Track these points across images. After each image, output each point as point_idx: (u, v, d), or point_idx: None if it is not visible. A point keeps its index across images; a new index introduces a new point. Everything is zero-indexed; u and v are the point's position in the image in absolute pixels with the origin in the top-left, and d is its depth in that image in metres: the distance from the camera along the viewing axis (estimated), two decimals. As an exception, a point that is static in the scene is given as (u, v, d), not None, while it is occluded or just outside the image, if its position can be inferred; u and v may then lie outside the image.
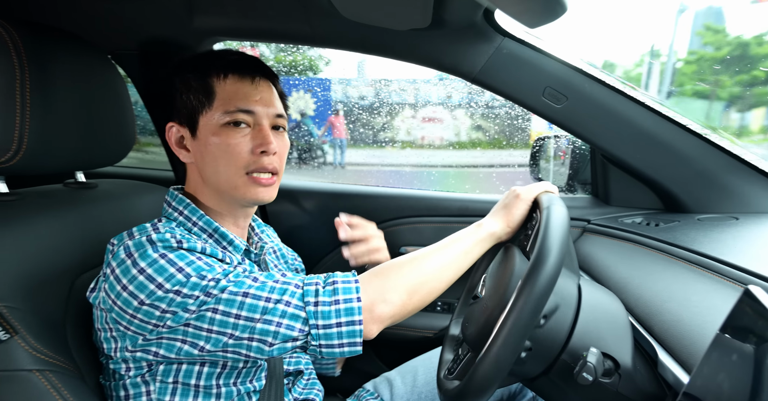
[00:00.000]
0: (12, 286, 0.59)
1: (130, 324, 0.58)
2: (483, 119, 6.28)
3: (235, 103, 0.67)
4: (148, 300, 0.56)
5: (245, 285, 0.58)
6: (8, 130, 0.62)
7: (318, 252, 1.29)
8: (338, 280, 0.61)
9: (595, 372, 0.51)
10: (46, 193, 0.76)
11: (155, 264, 0.57)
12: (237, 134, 0.67)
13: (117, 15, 0.97)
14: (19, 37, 0.62)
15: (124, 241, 0.61)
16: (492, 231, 0.70)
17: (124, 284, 0.57)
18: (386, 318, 0.61)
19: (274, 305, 0.58)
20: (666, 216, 1.01)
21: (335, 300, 0.59)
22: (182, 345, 0.59)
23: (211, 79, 0.67)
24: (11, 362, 0.56)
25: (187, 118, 0.68)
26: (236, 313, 0.57)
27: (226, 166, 0.67)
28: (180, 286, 0.57)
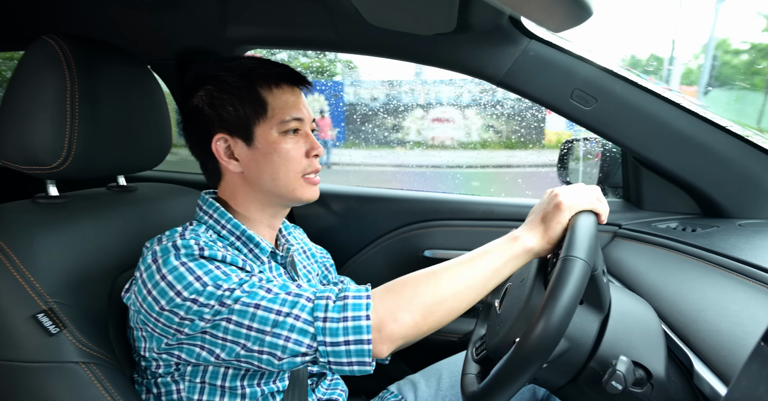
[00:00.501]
0: (62, 283, 0.63)
1: (155, 326, 0.61)
2: (494, 119, 6.18)
3: (288, 112, 0.70)
4: (168, 307, 0.59)
5: (258, 296, 0.59)
6: (59, 138, 0.66)
7: (344, 254, 1.31)
8: (349, 295, 0.59)
9: (625, 380, 0.49)
10: (91, 196, 0.81)
11: (175, 271, 0.59)
12: (291, 141, 0.71)
13: (157, 27, 1.02)
14: (69, 50, 0.67)
15: (153, 246, 0.63)
16: (529, 247, 0.61)
17: (149, 288, 0.60)
18: (397, 339, 0.57)
19: (283, 318, 0.57)
20: (704, 221, 0.97)
21: (344, 316, 0.57)
22: (201, 352, 0.60)
23: (263, 90, 0.69)
24: (60, 354, 0.60)
25: (240, 129, 0.69)
26: (248, 324, 0.57)
27: (286, 172, 0.70)
28: (197, 295, 0.58)
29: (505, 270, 0.61)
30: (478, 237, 1.20)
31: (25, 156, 0.66)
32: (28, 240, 0.63)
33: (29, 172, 0.68)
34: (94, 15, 1.00)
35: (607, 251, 1.02)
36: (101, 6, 0.98)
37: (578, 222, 0.57)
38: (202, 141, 0.72)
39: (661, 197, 1.05)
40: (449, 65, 1.01)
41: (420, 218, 1.25)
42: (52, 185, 0.74)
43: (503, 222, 1.19)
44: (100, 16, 1.00)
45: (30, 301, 0.60)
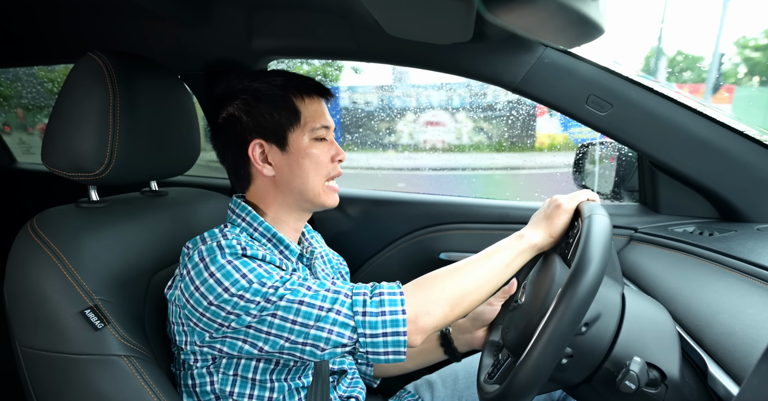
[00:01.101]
0: (105, 282, 0.68)
1: (199, 321, 0.65)
2: (485, 122, 6.24)
3: (319, 120, 0.76)
4: (216, 302, 0.63)
5: (300, 293, 0.64)
6: (102, 147, 0.72)
7: (361, 257, 1.34)
8: (384, 292, 0.65)
9: (638, 380, 0.51)
10: (128, 200, 0.87)
11: (223, 269, 0.64)
12: (321, 146, 0.77)
13: (187, 40, 1.08)
14: (112, 65, 0.72)
15: (198, 246, 0.68)
16: (534, 242, 0.71)
17: (197, 285, 0.64)
18: (429, 330, 0.65)
19: (326, 313, 0.63)
20: (722, 225, 0.97)
21: (381, 311, 0.63)
22: (243, 345, 0.65)
23: (296, 99, 0.76)
24: (105, 347, 0.65)
25: (276, 135, 0.75)
26: (293, 319, 0.62)
27: (315, 176, 0.76)
28: (243, 291, 0.62)
29: (515, 264, 0.71)
30: (492, 240, 1.20)
31: (72, 164, 0.72)
32: (75, 242, 0.68)
33: (75, 178, 0.73)
34: (130, 30, 1.07)
35: (623, 254, 1.02)
36: (136, 21, 1.04)
37: (588, 203, 0.67)
38: (238, 147, 0.77)
39: (677, 201, 1.05)
40: (466, 73, 1.03)
41: (435, 221, 1.27)
42: (94, 191, 0.79)
43: (517, 225, 1.19)
44: (135, 31, 1.06)
45: (78, 298, 0.64)
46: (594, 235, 0.55)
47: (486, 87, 6.03)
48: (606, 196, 1.28)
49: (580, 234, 0.59)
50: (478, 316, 0.87)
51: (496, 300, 0.86)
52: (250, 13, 1.00)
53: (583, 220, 0.61)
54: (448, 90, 6.29)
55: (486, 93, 4.85)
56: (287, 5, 0.99)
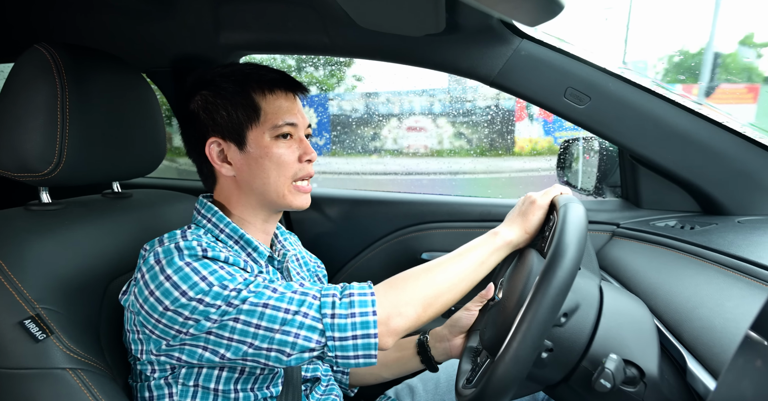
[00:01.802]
0: (51, 289, 0.63)
1: (155, 328, 0.61)
2: (465, 127, 6.44)
3: (282, 116, 0.70)
4: (172, 307, 0.59)
5: (265, 296, 0.60)
6: (50, 145, 0.67)
7: (342, 258, 1.31)
8: (354, 292, 0.62)
9: (614, 379, 0.48)
10: (85, 203, 0.82)
11: (180, 271, 0.60)
12: (285, 145, 0.71)
13: (151, 35, 1.04)
14: (60, 58, 0.68)
15: (155, 248, 0.63)
16: (509, 239, 0.69)
17: (151, 289, 0.60)
18: (401, 331, 0.62)
19: (292, 316, 0.59)
20: (703, 218, 0.95)
21: (351, 312, 0.60)
22: (203, 352, 0.61)
23: (256, 95, 0.70)
24: (47, 360, 0.60)
25: (233, 133, 0.70)
26: (256, 323, 0.59)
27: (277, 176, 0.71)
28: (203, 295, 0.59)
29: (489, 262, 0.69)
30: (474, 238, 1.20)
31: (18, 163, 0.67)
32: (18, 247, 0.64)
33: (21, 179, 0.69)
34: (89, 24, 1.02)
35: (605, 250, 1.01)
36: (96, 15, 0.99)
37: (561, 195, 0.67)
38: (197, 144, 0.73)
39: (659, 195, 1.04)
40: (441, 66, 1.01)
41: (416, 221, 1.24)
42: (45, 192, 0.74)
43: (499, 223, 1.17)
44: (95, 26, 1.02)
45: (17, 308, 0.60)
46: (569, 223, 0.54)
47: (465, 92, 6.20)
48: (589, 192, 1.26)
49: (556, 224, 0.57)
50: (455, 323, 0.83)
51: (473, 306, 0.82)
52: (216, 5, 0.97)
53: (559, 210, 0.59)
54: (430, 96, 6.46)
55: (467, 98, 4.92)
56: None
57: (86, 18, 1.00)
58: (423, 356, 0.86)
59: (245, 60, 1.17)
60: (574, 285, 0.50)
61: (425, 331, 0.88)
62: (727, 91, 5.89)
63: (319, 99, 6.87)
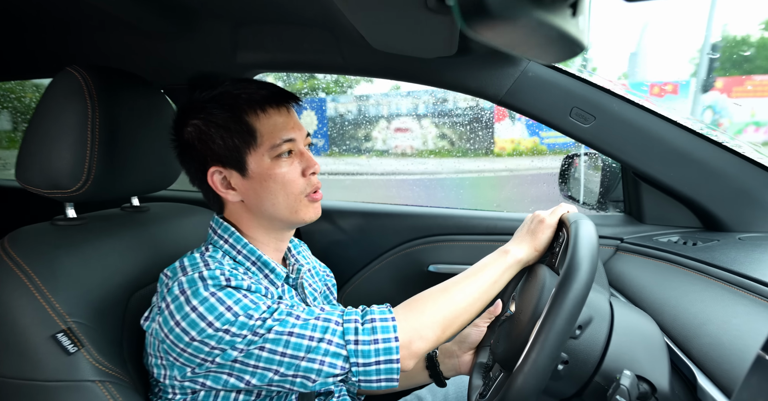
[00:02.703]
0: (80, 303, 0.65)
1: (179, 356, 0.61)
2: (448, 128, 6.56)
3: (279, 135, 0.69)
4: (199, 337, 0.59)
5: (289, 323, 0.62)
6: (80, 163, 0.70)
7: (350, 269, 1.32)
8: (376, 317, 0.64)
9: (629, 395, 0.51)
10: (107, 217, 0.84)
11: (206, 302, 0.60)
12: (286, 164, 0.69)
13: (171, 55, 1.07)
14: (92, 80, 0.71)
15: (178, 277, 0.63)
16: (519, 258, 0.71)
17: (177, 320, 0.60)
18: (422, 354, 0.64)
19: (317, 344, 0.61)
20: (704, 234, 0.98)
21: (374, 339, 0.62)
22: (228, 378, 0.62)
23: (248, 117, 0.68)
24: (77, 373, 0.61)
25: (233, 160, 0.69)
26: (282, 351, 0.60)
27: (285, 195, 0.70)
28: (229, 325, 0.59)
29: (501, 281, 0.71)
30: (481, 251, 1.20)
31: (48, 181, 0.69)
32: (49, 261, 0.66)
33: (50, 195, 0.71)
34: (112, 44, 1.05)
35: (609, 265, 1.03)
36: (121, 36, 1.03)
37: (569, 213, 0.68)
38: (198, 174, 0.72)
39: (661, 211, 1.07)
40: (451, 86, 1.05)
41: (424, 233, 1.27)
42: (71, 208, 0.77)
43: (505, 236, 1.20)
44: (117, 45, 1.05)
45: (50, 321, 0.62)
46: (582, 238, 0.56)
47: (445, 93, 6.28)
48: (591, 207, 1.29)
49: (568, 240, 0.60)
50: (464, 339, 0.84)
51: (482, 322, 0.83)
52: (235, 27, 1.00)
53: (570, 226, 0.62)
54: (415, 97, 6.63)
55: (447, 99, 5.06)
56: (273, 20, 0.99)
57: (110, 38, 1.03)
58: (431, 371, 0.87)
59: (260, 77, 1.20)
60: (587, 299, 0.52)
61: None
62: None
63: (318, 102, 6.97)
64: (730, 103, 6.49)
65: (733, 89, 6.59)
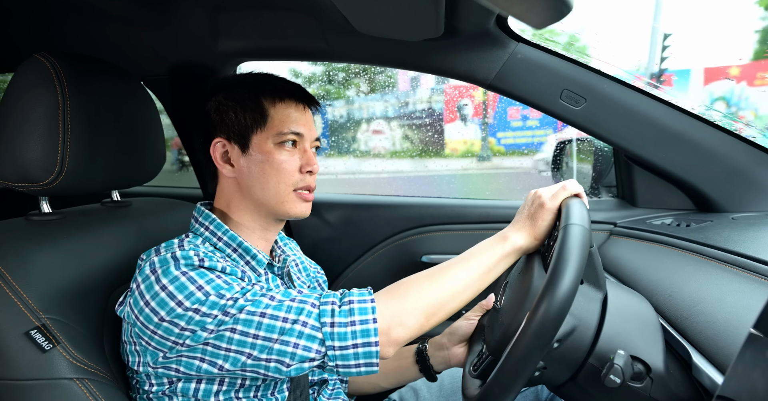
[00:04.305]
0: (55, 299, 0.63)
1: (151, 339, 0.60)
2: (409, 129, 7.05)
3: (288, 125, 0.71)
4: (168, 317, 0.58)
5: (263, 304, 0.59)
6: (52, 154, 0.67)
7: (342, 263, 1.31)
8: (354, 299, 0.61)
9: (623, 374, 0.49)
10: (85, 212, 0.81)
11: (176, 281, 0.59)
12: (287, 153, 0.72)
13: (149, 44, 1.04)
14: (61, 67, 0.68)
15: (151, 257, 0.63)
16: (518, 245, 0.65)
17: (147, 300, 0.59)
18: (402, 341, 0.61)
19: (291, 325, 0.58)
20: (698, 216, 0.97)
21: (351, 320, 0.58)
22: (201, 364, 0.60)
23: (267, 101, 0.72)
24: (53, 371, 0.59)
25: (238, 135, 0.71)
26: (254, 333, 0.58)
27: (276, 182, 0.71)
28: (199, 304, 0.58)
29: (498, 269, 0.65)
30: (474, 240, 1.19)
31: (18, 173, 0.66)
32: (21, 257, 0.63)
33: (22, 189, 0.68)
34: (89, 33, 1.02)
35: (603, 249, 1.02)
36: (95, 24, 0.99)
37: (569, 202, 0.61)
38: (204, 144, 0.74)
39: (654, 194, 1.06)
40: (439, 71, 1.02)
41: (416, 224, 1.25)
42: (45, 202, 0.74)
43: (499, 224, 1.19)
44: (94, 35, 1.02)
45: (23, 318, 0.59)
46: (568, 249, 0.51)
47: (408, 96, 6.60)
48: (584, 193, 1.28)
49: (556, 243, 0.55)
50: (454, 331, 0.82)
51: (473, 315, 0.82)
52: (214, 13, 0.97)
53: (560, 230, 0.56)
54: (385, 101, 7.05)
55: (408, 102, 5.29)
56: (253, 5, 0.96)
57: (86, 27, 1.00)
58: (422, 365, 0.85)
59: (248, 67, 1.17)
60: (572, 308, 0.49)
61: (424, 340, 0.87)
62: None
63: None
64: (753, 91, 5.45)
65: (757, 75, 5.62)
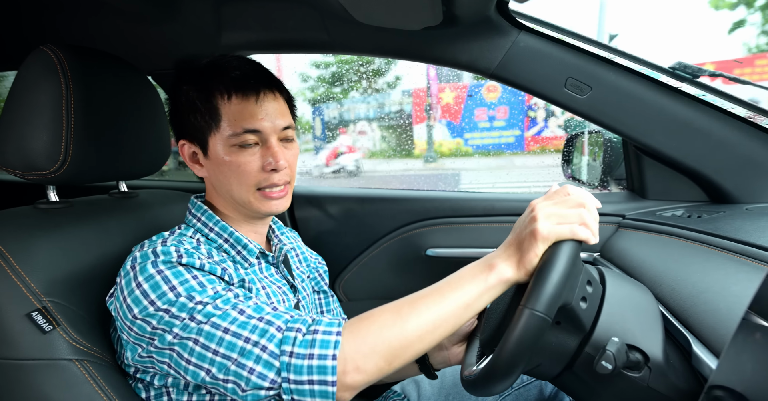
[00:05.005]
0: (57, 284, 0.65)
1: (129, 334, 0.60)
2: (386, 130, 7.39)
3: (241, 124, 0.66)
4: (140, 315, 0.58)
5: (229, 318, 0.56)
6: (56, 143, 0.69)
7: (347, 256, 1.31)
8: (320, 329, 0.55)
9: (615, 360, 0.48)
10: (92, 202, 0.83)
11: (151, 280, 0.58)
12: (245, 154, 0.67)
13: (155, 38, 1.06)
14: (66, 59, 0.69)
15: (135, 252, 0.63)
16: (506, 278, 0.54)
17: (125, 295, 0.59)
18: (358, 388, 0.54)
19: (251, 347, 0.54)
20: (710, 207, 0.94)
21: (310, 353, 0.53)
22: (169, 370, 0.59)
23: (216, 99, 0.66)
24: (53, 351, 0.61)
25: (197, 138, 0.69)
26: (214, 348, 0.55)
27: (238, 184, 0.68)
28: (169, 305, 0.57)
29: (478, 304, 0.55)
30: (479, 233, 1.19)
31: (25, 162, 0.69)
32: (26, 242, 0.65)
33: (28, 177, 0.70)
34: (95, 27, 1.04)
35: (611, 242, 0.99)
36: (102, 19, 1.02)
37: (550, 259, 0.50)
38: (177, 141, 0.74)
39: (665, 185, 1.02)
40: (440, 60, 1.01)
41: (421, 217, 1.24)
42: (53, 191, 0.76)
43: (504, 217, 1.17)
44: (101, 29, 1.04)
45: (25, 300, 0.61)
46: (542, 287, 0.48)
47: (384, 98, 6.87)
48: (594, 186, 1.25)
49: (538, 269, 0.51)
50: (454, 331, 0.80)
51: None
52: (218, 7, 0.98)
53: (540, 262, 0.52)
54: (368, 103, 7.43)
55: (384, 103, 5.48)
56: None
57: (93, 21, 1.03)
58: (421, 364, 0.82)
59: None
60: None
61: None
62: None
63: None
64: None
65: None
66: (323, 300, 0.95)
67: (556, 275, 0.48)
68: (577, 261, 0.51)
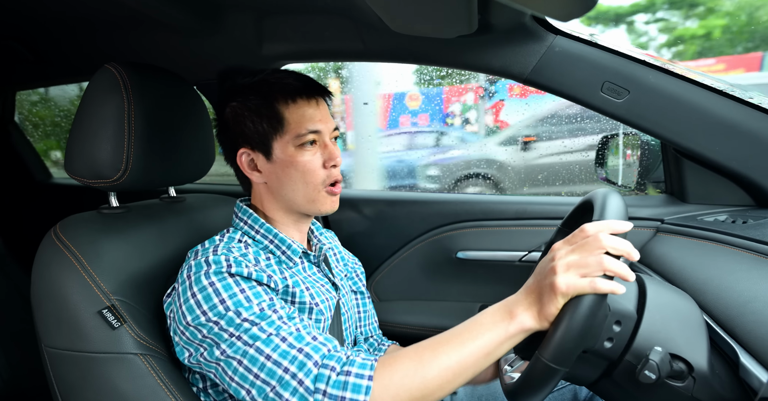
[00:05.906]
0: (122, 283, 0.71)
1: (180, 338, 0.65)
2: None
3: (304, 125, 0.73)
4: (193, 323, 0.62)
5: (272, 344, 0.59)
6: (119, 153, 0.75)
7: (378, 258, 1.34)
8: (353, 371, 0.57)
9: (659, 370, 0.48)
10: (147, 206, 0.90)
11: (204, 291, 0.63)
12: (309, 153, 0.73)
13: (200, 51, 1.12)
14: (127, 76, 0.75)
15: (190, 260, 0.68)
16: (527, 327, 0.54)
17: (181, 302, 0.64)
18: None
19: (289, 378, 0.57)
20: (757, 212, 0.91)
21: (342, 396, 0.55)
22: (215, 378, 0.64)
23: (279, 105, 0.73)
24: (121, 346, 0.67)
25: (260, 144, 0.74)
26: (256, 373, 0.59)
27: (305, 184, 0.73)
28: (218, 318, 0.61)
29: (499, 352, 0.55)
30: (510, 236, 1.19)
31: (92, 171, 0.75)
32: (95, 245, 0.71)
33: (94, 184, 0.77)
34: (147, 43, 1.12)
35: (649, 247, 0.98)
36: (154, 36, 1.09)
37: (568, 316, 0.49)
38: (230, 153, 0.78)
39: (707, 189, 1.00)
40: (474, 67, 1.02)
41: (452, 220, 1.25)
42: (114, 197, 0.82)
43: (536, 220, 1.17)
44: (152, 44, 1.11)
45: (96, 299, 0.67)
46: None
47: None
48: (630, 189, 1.23)
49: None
50: None
51: None
52: (259, 20, 1.03)
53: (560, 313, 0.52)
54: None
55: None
56: (294, 10, 1.01)
57: (146, 38, 1.10)
58: None
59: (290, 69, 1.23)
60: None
61: None
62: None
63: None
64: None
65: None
66: (360, 301, 0.98)
67: (572, 332, 0.48)
68: (600, 311, 0.50)
